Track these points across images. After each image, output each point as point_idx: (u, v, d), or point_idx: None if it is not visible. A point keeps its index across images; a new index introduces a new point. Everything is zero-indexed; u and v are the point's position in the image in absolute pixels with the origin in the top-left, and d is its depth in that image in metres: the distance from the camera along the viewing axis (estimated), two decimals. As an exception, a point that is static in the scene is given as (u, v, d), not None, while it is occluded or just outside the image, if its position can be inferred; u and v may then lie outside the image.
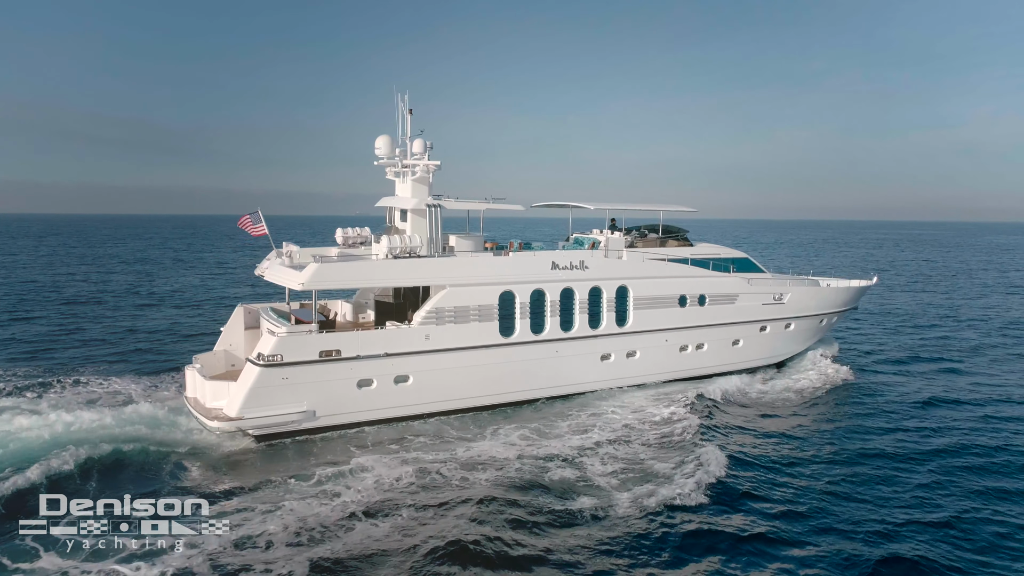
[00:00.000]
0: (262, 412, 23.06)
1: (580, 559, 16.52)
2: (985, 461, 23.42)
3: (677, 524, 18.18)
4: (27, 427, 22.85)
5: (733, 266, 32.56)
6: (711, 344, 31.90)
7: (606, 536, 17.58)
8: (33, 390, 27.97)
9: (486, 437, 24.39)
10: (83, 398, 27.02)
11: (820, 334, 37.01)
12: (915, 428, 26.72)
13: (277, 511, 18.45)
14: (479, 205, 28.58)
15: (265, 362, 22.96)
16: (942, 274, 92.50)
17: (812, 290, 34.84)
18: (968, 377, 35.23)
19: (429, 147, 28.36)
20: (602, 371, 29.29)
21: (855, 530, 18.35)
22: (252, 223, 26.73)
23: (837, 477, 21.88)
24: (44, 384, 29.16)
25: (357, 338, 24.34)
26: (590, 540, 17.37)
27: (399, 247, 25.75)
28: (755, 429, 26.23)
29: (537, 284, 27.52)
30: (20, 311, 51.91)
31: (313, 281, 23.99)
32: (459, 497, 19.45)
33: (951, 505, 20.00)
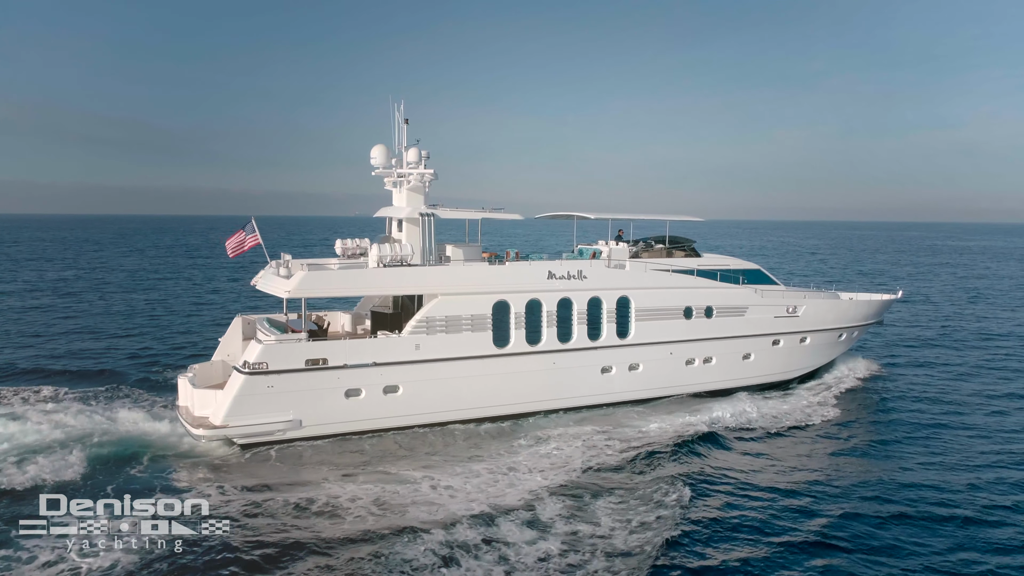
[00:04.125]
0: (247, 420, 22.82)
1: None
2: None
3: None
4: (27, 428, 22.97)
5: (743, 277, 31.49)
6: (720, 358, 30.71)
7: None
8: (34, 391, 28.06)
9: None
10: (84, 399, 27.08)
11: (841, 349, 35.47)
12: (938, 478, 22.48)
13: (277, 512, 18.54)
14: (475, 214, 28.28)
15: (250, 370, 22.74)
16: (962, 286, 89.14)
17: (829, 303, 33.57)
18: (1000, 403, 31.06)
19: (425, 156, 28.11)
20: (603, 384, 28.38)
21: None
22: (245, 234, 25.92)
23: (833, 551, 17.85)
24: (45, 385, 29.24)
25: (344, 347, 24.03)
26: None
27: (389, 256, 25.51)
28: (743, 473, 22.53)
29: (533, 294, 26.91)
30: (21, 310, 51.96)
31: (300, 289, 23.81)
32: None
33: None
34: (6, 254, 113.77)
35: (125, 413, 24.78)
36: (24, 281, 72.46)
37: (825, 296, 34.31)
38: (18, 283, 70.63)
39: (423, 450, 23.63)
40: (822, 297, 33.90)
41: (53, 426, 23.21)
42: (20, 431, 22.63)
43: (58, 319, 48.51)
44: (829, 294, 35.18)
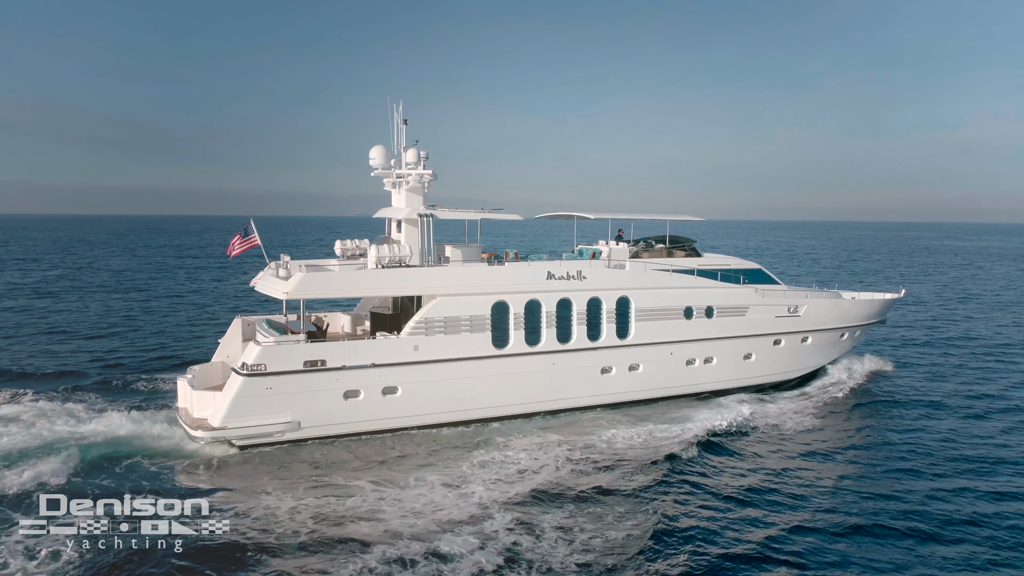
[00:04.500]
0: (245, 422, 22.79)
1: None
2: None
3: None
4: (26, 428, 22.99)
5: (744, 277, 31.40)
6: (720, 358, 30.64)
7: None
8: (34, 391, 28.06)
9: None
10: (85, 399, 27.11)
11: (843, 348, 35.43)
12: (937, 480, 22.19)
13: (278, 512, 18.56)
14: (474, 214, 28.22)
15: (248, 372, 22.73)
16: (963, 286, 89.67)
17: (830, 302, 33.45)
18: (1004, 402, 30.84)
19: (424, 157, 28.05)
20: (603, 384, 28.32)
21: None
22: (242, 236, 25.95)
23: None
24: (45, 385, 29.24)
25: (343, 348, 23.99)
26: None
27: (388, 257, 25.48)
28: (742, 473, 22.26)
29: (532, 294, 26.82)
30: (23, 311, 51.93)
31: (298, 290, 23.77)
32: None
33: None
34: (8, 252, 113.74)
35: (125, 414, 24.74)
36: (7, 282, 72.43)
37: (827, 295, 34.18)
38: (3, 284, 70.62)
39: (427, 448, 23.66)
40: (824, 296, 33.75)
41: (52, 426, 23.24)
42: (19, 431, 22.64)
43: (55, 318, 48.49)
44: (831, 293, 35.01)
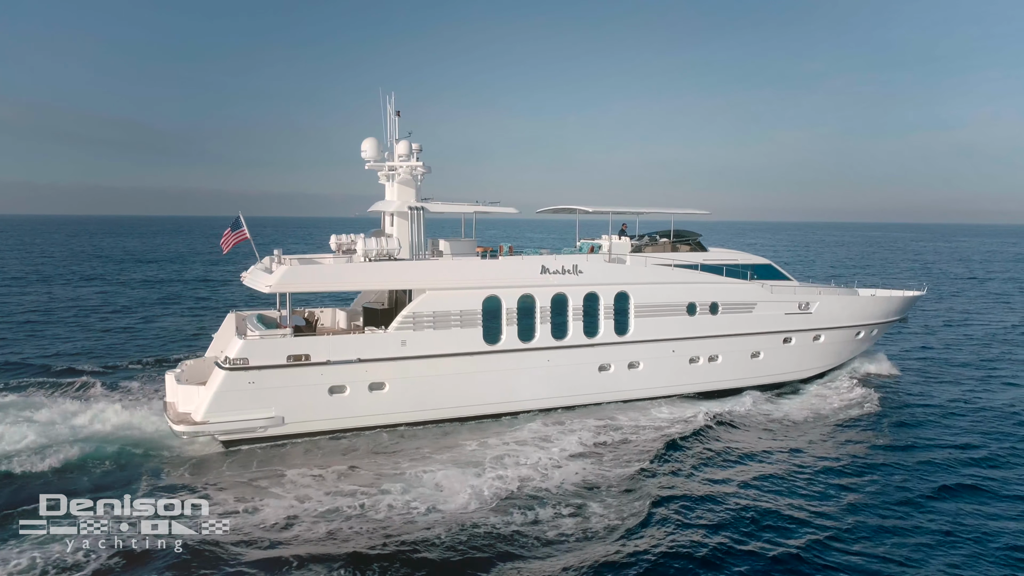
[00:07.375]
0: (227, 417, 22.47)
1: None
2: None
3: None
4: (27, 428, 22.89)
5: (752, 273, 30.37)
6: (726, 356, 29.67)
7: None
8: (33, 391, 28.04)
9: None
10: (84, 399, 27.03)
11: (860, 347, 34.02)
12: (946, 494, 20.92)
13: (278, 511, 18.52)
14: (468, 208, 27.77)
15: (230, 365, 22.46)
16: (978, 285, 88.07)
17: (845, 300, 32.19)
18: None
19: (417, 150, 27.71)
20: (601, 382, 27.60)
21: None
22: (232, 231, 25.62)
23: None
24: (44, 385, 29.20)
25: (327, 343, 23.55)
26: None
27: (375, 250, 25.22)
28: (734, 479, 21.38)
29: (525, 289, 26.19)
30: (20, 310, 51.92)
31: (282, 284, 23.53)
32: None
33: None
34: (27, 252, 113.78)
35: (126, 412, 24.65)
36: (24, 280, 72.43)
37: (841, 292, 33.06)
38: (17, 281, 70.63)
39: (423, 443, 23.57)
40: (838, 293, 32.64)
41: (54, 426, 23.16)
42: (18, 432, 22.55)
43: (53, 317, 48.51)
44: (846, 290, 33.86)
